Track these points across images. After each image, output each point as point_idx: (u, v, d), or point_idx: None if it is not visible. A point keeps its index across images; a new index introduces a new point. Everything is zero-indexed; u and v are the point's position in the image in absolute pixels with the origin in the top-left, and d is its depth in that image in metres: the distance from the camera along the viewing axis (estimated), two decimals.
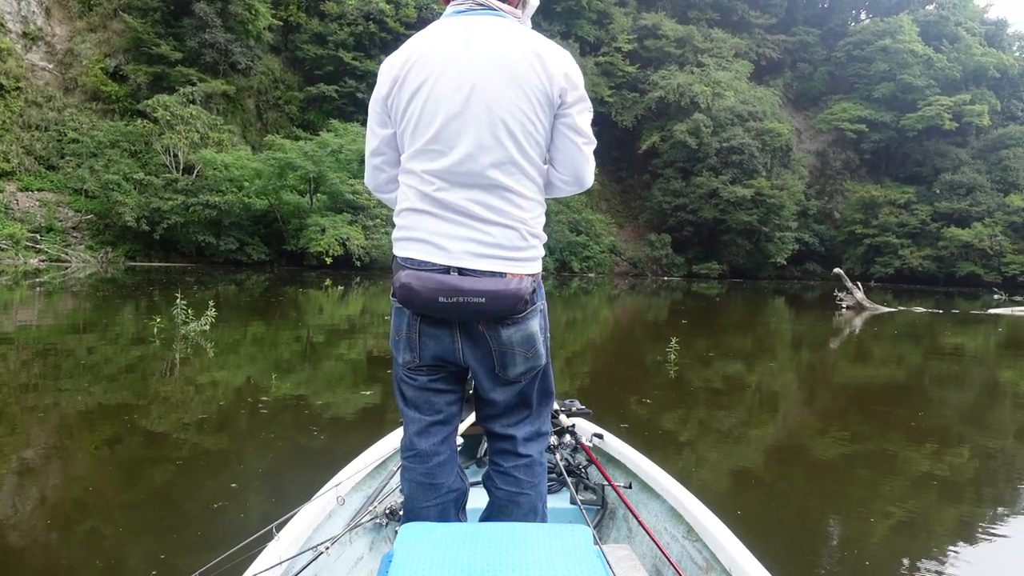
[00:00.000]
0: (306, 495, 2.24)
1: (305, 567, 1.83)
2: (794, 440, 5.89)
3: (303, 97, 38.55)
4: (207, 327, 9.43)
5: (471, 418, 2.51)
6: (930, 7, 54.74)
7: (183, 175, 29.58)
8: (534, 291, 1.69)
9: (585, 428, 3.02)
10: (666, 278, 41.23)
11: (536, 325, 1.71)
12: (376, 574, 1.52)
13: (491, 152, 1.61)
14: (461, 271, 1.61)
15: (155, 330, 9.33)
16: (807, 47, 53.83)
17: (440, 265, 1.61)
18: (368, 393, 6.57)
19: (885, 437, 5.93)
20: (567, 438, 2.82)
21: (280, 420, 5.39)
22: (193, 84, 31.20)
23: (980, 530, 3.89)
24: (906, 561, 3.43)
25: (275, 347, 9.48)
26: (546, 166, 1.77)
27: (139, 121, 29.93)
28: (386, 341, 10.89)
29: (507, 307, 1.61)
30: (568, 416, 3.04)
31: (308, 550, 1.93)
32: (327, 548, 1.90)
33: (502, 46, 1.61)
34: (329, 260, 28.80)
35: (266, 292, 19.15)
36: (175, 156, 29.60)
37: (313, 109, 38.45)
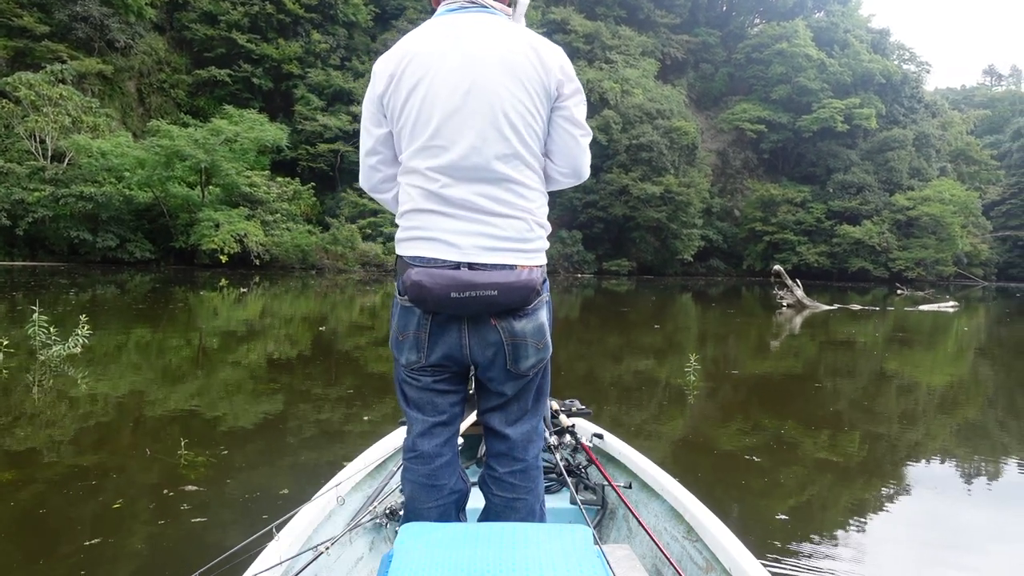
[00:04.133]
0: (306, 496, 2.20)
1: (305, 567, 1.82)
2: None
3: (192, 81, 35.69)
4: (77, 350, 7.38)
5: (471, 418, 2.48)
6: (819, 14, 57.48)
7: (52, 163, 26.74)
8: (544, 281, 1.71)
9: (585, 428, 3.01)
10: (579, 275, 41.10)
11: (544, 316, 1.72)
12: (376, 574, 1.54)
13: (494, 145, 1.61)
14: (471, 266, 1.60)
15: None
16: (709, 48, 55.25)
17: (451, 261, 1.61)
18: (280, 415, 5.29)
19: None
20: (567, 438, 2.83)
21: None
22: (63, 62, 28.15)
23: None
24: None
25: (164, 356, 7.83)
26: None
27: None
28: (289, 346, 10.03)
29: (519, 299, 1.63)
30: (568, 416, 3.03)
31: (308, 550, 1.92)
32: (327, 548, 1.89)
33: (499, 42, 1.62)
34: (224, 258, 26.96)
35: (152, 295, 17.14)
36: (42, 142, 26.67)
37: (203, 94, 35.68)
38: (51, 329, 7.42)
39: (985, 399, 7.90)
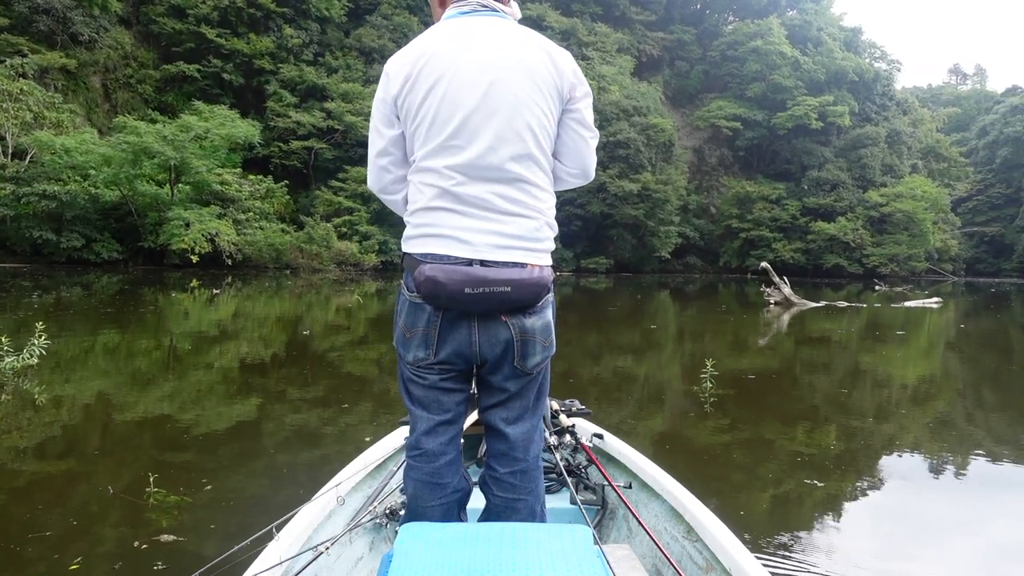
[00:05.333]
0: (306, 495, 2.19)
1: (305, 567, 1.82)
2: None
3: (159, 76, 34.80)
4: (33, 361, 6.78)
5: (472, 417, 2.45)
6: (792, 12, 57.96)
7: (12, 161, 25.88)
8: (552, 280, 1.75)
9: (585, 428, 3.02)
10: (557, 273, 40.89)
11: (551, 314, 1.76)
12: (376, 574, 1.54)
13: (510, 145, 1.63)
14: (484, 263, 1.62)
15: None
16: (684, 45, 55.43)
17: (463, 258, 1.63)
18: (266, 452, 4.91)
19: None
20: (567, 438, 2.83)
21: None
22: (24, 56, 27.20)
23: None
24: None
25: (131, 364, 7.30)
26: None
27: None
28: (262, 347, 9.62)
29: (532, 296, 1.65)
30: (568, 416, 3.04)
31: (308, 550, 1.92)
32: (327, 548, 1.89)
33: (514, 45, 1.66)
34: (195, 258, 26.34)
35: (120, 297, 16.52)
36: (1, 138, 25.76)
37: (172, 90, 34.81)
38: (3, 339, 6.89)
39: None
